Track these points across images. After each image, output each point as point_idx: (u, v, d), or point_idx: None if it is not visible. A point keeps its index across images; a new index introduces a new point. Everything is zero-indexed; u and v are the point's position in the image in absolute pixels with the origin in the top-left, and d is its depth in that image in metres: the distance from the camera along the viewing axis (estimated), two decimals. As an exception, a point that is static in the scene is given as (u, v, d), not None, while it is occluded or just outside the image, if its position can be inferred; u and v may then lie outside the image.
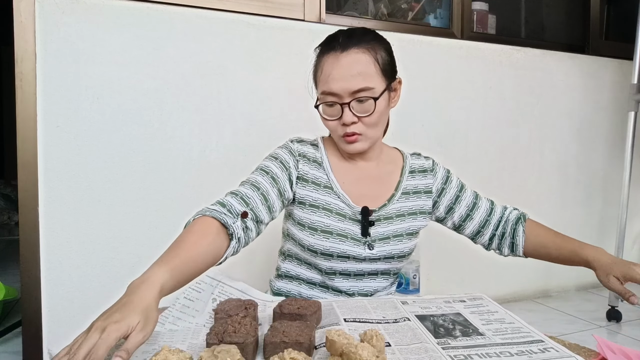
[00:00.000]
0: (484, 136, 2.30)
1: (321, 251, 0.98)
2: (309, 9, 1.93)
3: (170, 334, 0.71)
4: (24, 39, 1.55)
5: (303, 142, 1.05)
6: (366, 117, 0.93)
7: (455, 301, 0.86)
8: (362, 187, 1.02)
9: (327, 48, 0.95)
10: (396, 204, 1.03)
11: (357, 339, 0.66)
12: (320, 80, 0.95)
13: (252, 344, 0.62)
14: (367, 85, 0.91)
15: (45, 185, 1.60)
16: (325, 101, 0.95)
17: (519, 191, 2.40)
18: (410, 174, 1.07)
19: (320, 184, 1.00)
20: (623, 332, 2.04)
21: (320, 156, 1.03)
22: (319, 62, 0.97)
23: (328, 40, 0.97)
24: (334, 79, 0.91)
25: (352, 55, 0.92)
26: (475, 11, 2.35)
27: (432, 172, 1.08)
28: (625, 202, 2.16)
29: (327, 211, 0.99)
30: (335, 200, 1.00)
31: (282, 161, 0.99)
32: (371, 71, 0.92)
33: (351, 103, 0.92)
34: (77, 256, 1.66)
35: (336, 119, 0.95)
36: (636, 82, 2.12)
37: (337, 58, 0.92)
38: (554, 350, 0.64)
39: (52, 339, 1.64)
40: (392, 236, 1.01)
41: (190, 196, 1.78)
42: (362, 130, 0.95)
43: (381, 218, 1.01)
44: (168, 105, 1.74)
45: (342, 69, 0.91)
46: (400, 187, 1.04)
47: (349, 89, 0.91)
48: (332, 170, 1.02)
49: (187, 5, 1.74)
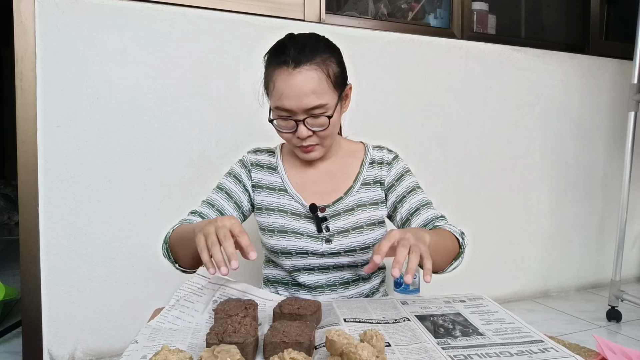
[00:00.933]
0: (484, 136, 2.30)
1: (280, 250, 1.02)
2: (309, 9, 1.93)
3: (170, 333, 0.71)
4: (24, 39, 1.55)
5: (258, 152, 1.12)
6: (321, 131, 0.95)
7: (455, 301, 0.86)
8: (317, 185, 1.05)
9: (277, 61, 0.93)
10: (356, 195, 1.04)
11: (357, 339, 0.66)
12: (272, 95, 0.95)
13: (252, 344, 0.62)
14: (321, 103, 0.92)
15: (45, 185, 1.60)
16: (279, 115, 0.95)
17: (519, 191, 2.40)
18: (370, 165, 1.07)
19: (275, 188, 1.06)
20: (623, 332, 2.04)
21: (275, 162, 1.09)
22: (269, 75, 0.95)
23: (277, 51, 0.95)
24: (287, 97, 0.91)
25: (304, 72, 0.91)
26: (475, 11, 2.35)
27: (389, 165, 1.07)
28: (625, 202, 2.16)
29: (282, 212, 1.04)
30: (289, 201, 1.04)
31: (235, 175, 1.09)
32: (324, 88, 0.92)
33: (306, 119, 0.93)
34: (77, 256, 1.66)
35: (291, 132, 0.96)
36: (636, 82, 2.12)
37: (289, 75, 0.91)
38: (554, 350, 0.64)
39: (52, 339, 1.65)
40: (352, 228, 1.02)
41: (190, 196, 1.78)
42: (318, 141, 0.97)
43: (340, 212, 1.02)
44: (168, 105, 1.74)
45: (295, 87, 0.91)
46: (359, 178, 1.06)
47: (303, 107, 0.92)
48: (286, 173, 1.07)
49: (187, 5, 1.74)
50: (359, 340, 0.66)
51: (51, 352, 1.65)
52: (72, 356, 1.68)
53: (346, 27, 2.00)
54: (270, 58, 0.97)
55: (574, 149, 2.52)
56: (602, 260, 2.62)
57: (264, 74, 0.99)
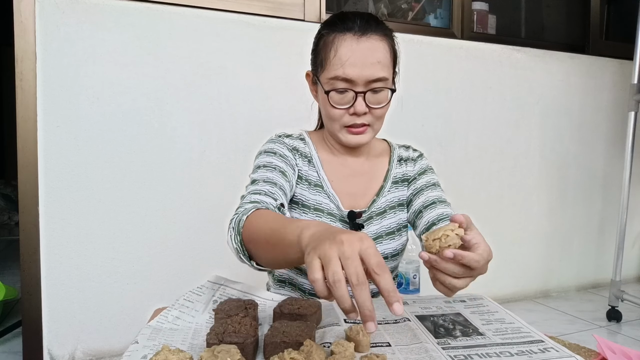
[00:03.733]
0: (484, 136, 2.30)
1: None
2: (309, 9, 1.93)
3: (170, 333, 0.70)
4: (24, 39, 1.55)
5: (291, 137, 0.98)
6: (378, 108, 0.88)
7: (456, 301, 0.86)
8: (351, 185, 0.97)
9: (343, 28, 0.86)
10: (387, 195, 0.98)
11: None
12: (332, 63, 0.86)
13: (252, 344, 0.62)
14: (384, 75, 0.86)
15: (45, 185, 1.60)
16: (336, 87, 0.86)
17: (519, 191, 2.40)
18: (399, 163, 1.02)
19: (311, 182, 0.96)
20: (623, 332, 2.04)
21: (309, 151, 0.97)
22: (331, 42, 0.86)
23: (342, 19, 0.87)
24: (352, 65, 0.84)
25: (372, 41, 0.85)
26: (475, 11, 2.35)
27: (414, 161, 1.02)
28: (625, 202, 2.16)
29: (318, 212, 0.94)
30: (325, 200, 0.95)
31: (279, 154, 0.93)
32: (388, 61, 0.87)
33: (366, 92, 0.86)
34: (77, 256, 1.66)
35: (345, 108, 0.88)
36: (636, 82, 2.12)
37: (357, 41, 0.84)
38: (554, 350, 0.64)
39: (52, 339, 1.65)
40: (385, 234, 0.97)
41: (190, 196, 1.78)
42: (370, 121, 0.89)
43: (373, 215, 0.96)
44: (168, 105, 1.74)
45: (361, 54, 0.84)
46: (389, 177, 1.00)
47: (367, 77, 0.85)
48: (322, 166, 0.96)
49: (187, 5, 1.74)
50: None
51: (51, 352, 1.65)
52: (72, 356, 1.68)
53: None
54: (330, 26, 0.88)
55: (574, 149, 2.52)
56: (602, 260, 2.62)
57: (319, 44, 0.90)
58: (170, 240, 1.77)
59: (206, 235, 1.80)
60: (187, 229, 1.78)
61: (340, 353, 0.59)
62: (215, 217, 1.78)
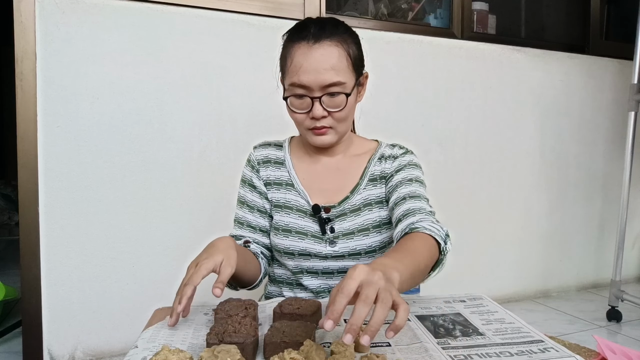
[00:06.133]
0: (484, 136, 2.30)
1: (283, 250, 1.00)
2: (309, 9, 1.93)
3: (170, 333, 0.70)
4: (24, 39, 1.55)
5: (265, 146, 1.07)
6: (337, 112, 0.91)
7: (455, 301, 0.86)
8: (324, 182, 1.00)
9: (298, 37, 0.90)
10: (363, 193, 0.99)
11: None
12: (289, 71, 0.90)
13: (252, 344, 0.62)
14: (340, 80, 0.88)
15: (45, 185, 1.60)
16: (294, 93, 0.90)
17: (519, 191, 2.40)
18: (379, 160, 1.01)
19: (282, 183, 1.02)
20: (623, 332, 2.04)
21: (282, 155, 1.04)
22: (288, 51, 0.91)
23: (298, 28, 0.92)
24: (305, 71, 0.87)
25: (325, 47, 0.88)
26: (475, 11, 2.35)
27: (395, 158, 1.00)
28: (625, 202, 2.16)
29: (288, 209, 1.00)
30: (295, 197, 1.00)
31: (248, 182, 1.05)
32: (343, 65, 0.89)
33: (322, 97, 0.89)
34: (77, 256, 1.66)
35: (305, 112, 0.92)
36: (636, 82, 2.11)
37: (309, 49, 0.88)
38: (554, 350, 0.64)
39: (52, 339, 1.65)
40: (358, 230, 0.97)
41: (190, 196, 1.78)
42: (332, 123, 0.92)
43: (347, 212, 0.97)
44: (168, 105, 1.74)
45: (314, 61, 0.87)
46: (366, 174, 1.00)
47: (321, 82, 0.88)
48: (293, 167, 1.02)
49: (187, 5, 1.74)
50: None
51: (51, 352, 1.65)
52: (72, 356, 1.68)
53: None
54: (290, 35, 0.93)
55: (574, 149, 2.52)
56: (602, 260, 2.62)
57: (281, 53, 0.94)
58: (170, 240, 1.77)
59: (206, 235, 1.79)
60: (187, 229, 1.78)
61: (340, 353, 0.59)
62: (215, 217, 1.78)
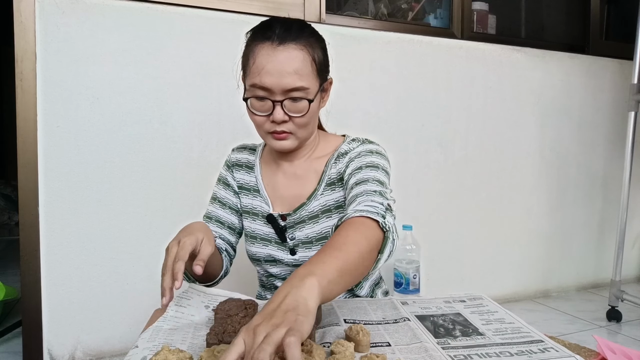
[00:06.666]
0: (484, 136, 2.30)
1: (251, 256, 1.00)
2: (309, 9, 1.93)
3: (170, 333, 0.70)
4: (24, 39, 1.55)
5: (241, 149, 1.06)
6: (298, 117, 0.87)
7: (455, 301, 0.86)
8: (285, 189, 0.97)
9: (262, 37, 0.85)
10: (320, 199, 0.94)
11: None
12: (251, 71, 0.86)
13: (252, 344, 0.62)
14: (302, 85, 0.84)
15: (45, 185, 1.60)
16: (255, 94, 0.86)
17: (519, 191, 2.40)
18: (335, 161, 0.95)
19: (250, 189, 1.01)
20: (623, 332, 2.04)
21: (253, 160, 1.03)
22: (251, 50, 0.87)
23: (263, 27, 0.87)
24: (268, 73, 0.83)
25: (290, 50, 0.84)
26: (475, 11, 2.35)
27: (347, 154, 0.94)
28: (625, 202, 2.16)
29: (254, 215, 0.99)
30: (260, 203, 0.99)
31: (223, 181, 1.04)
32: (307, 70, 0.85)
33: (284, 101, 0.85)
34: (77, 256, 1.66)
35: (265, 115, 0.87)
36: (636, 82, 2.11)
37: (273, 51, 0.84)
38: (554, 350, 0.64)
39: (52, 339, 1.65)
40: (316, 239, 0.94)
41: (190, 196, 1.78)
42: (292, 129, 0.88)
43: (305, 219, 0.94)
44: (168, 105, 1.74)
45: (277, 63, 0.83)
46: (323, 179, 0.94)
47: (284, 86, 0.83)
48: (260, 173, 1.01)
49: (187, 5, 1.74)
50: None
51: (51, 352, 1.65)
52: (72, 356, 1.68)
53: (346, 27, 1.99)
54: (253, 34, 0.88)
55: (574, 149, 2.52)
56: (602, 260, 2.62)
57: (243, 51, 0.90)
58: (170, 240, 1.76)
59: (206, 235, 1.80)
60: (187, 229, 1.78)
61: (340, 353, 0.59)
62: (215, 217, 1.78)
